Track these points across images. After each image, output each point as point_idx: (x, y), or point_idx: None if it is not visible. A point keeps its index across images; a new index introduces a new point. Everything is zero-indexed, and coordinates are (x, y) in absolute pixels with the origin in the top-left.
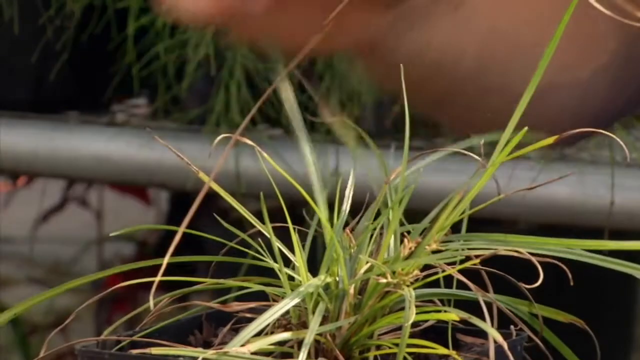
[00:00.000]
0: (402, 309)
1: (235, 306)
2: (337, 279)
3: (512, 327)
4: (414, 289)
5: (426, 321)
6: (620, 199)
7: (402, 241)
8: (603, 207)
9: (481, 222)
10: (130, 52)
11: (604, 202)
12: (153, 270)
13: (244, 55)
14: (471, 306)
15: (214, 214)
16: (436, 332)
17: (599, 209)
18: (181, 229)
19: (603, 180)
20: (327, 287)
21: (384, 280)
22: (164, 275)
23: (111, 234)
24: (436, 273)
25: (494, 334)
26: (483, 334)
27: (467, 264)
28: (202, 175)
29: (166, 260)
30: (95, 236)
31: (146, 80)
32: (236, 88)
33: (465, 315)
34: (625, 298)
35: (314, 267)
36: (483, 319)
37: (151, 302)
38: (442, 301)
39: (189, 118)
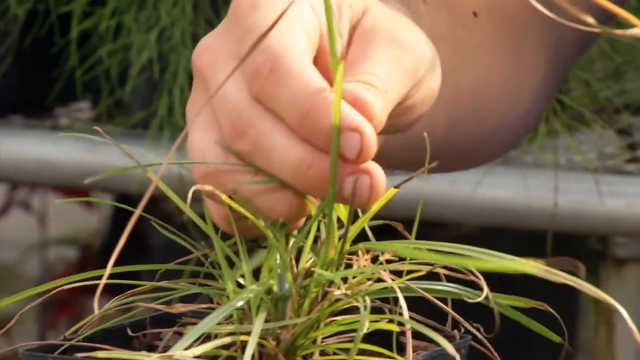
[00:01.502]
0: (347, 312)
1: (179, 307)
2: (281, 283)
3: (456, 331)
4: (365, 295)
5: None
6: (563, 201)
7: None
8: (546, 210)
9: (427, 225)
10: (73, 56)
11: (548, 205)
12: (97, 275)
13: (187, 59)
14: (425, 304)
15: (159, 217)
16: (380, 336)
17: (543, 212)
18: (125, 234)
19: (546, 183)
20: (271, 291)
21: (338, 292)
22: (108, 278)
23: (54, 237)
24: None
25: (436, 338)
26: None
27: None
28: (150, 174)
29: (109, 267)
30: (39, 240)
31: (89, 84)
32: (179, 91)
33: (408, 321)
34: (568, 303)
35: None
36: (438, 318)
37: (96, 306)
38: (385, 300)
39: (132, 122)
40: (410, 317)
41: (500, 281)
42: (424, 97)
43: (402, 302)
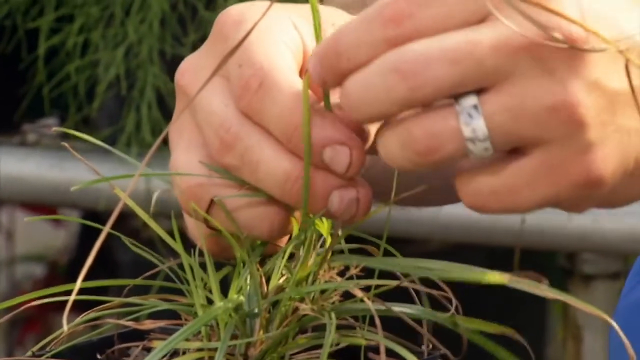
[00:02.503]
0: (316, 329)
1: (148, 324)
2: (250, 300)
3: (423, 346)
4: (331, 310)
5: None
6: (531, 218)
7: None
8: (514, 226)
9: (395, 241)
10: (41, 72)
11: (515, 221)
12: (65, 290)
13: (154, 75)
14: (394, 319)
15: (126, 234)
16: (349, 352)
17: (510, 228)
18: (94, 250)
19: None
20: (240, 307)
21: (305, 306)
22: (76, 294)
23: (21, 254)
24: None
25: (405, 354)
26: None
27: (380, 290)
28: (117, 190)
29: (78, 283)
30: (6, 257)
31: (57, 101)
32: (147, 108)
33: (378, 337)
34: (536, 319)
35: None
36: (409, 336)
37: (64, 322)
38: (356, 318)
39: (100, 138)
40: (379, 333)
41: (468, 299)
42: None
43: (376, 317)
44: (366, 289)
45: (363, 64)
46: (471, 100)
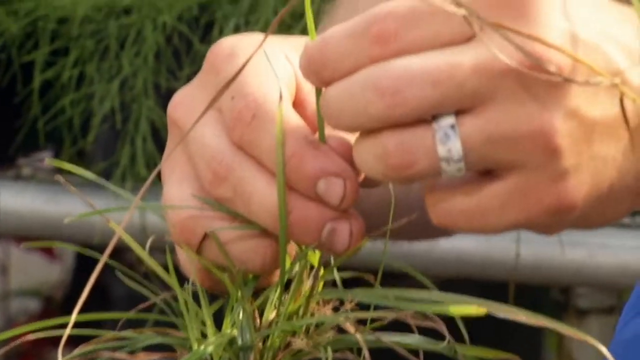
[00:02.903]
0: None
1: (143, 357)
2: (243, 333)
3: None
4: (327, 344)
5: None
6: (525, 252)
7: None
8: (508, 261)
9: (389, 276)
10: (35, 105)
11: (510, 256)
12: (60, 323)
13: (149, 108)
14: (391, 352)
15: (121, 268)
16: None
17: (505, 262)
18: (89, 283)
19: (508, 233)
20: (234, 341)
21: (299, 340)
22: (71, 327)
23: (16, 289)
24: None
25: None
26: None
27: (375, 324)
28: (112, 224)
29: (73, 316)
30: (1, 291)
31: (52, 134)
32: (142, 141)
33: None
34: (531, 350)
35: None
36: None
37: (60, 355)
38: (352, 350)
39: (94, 172)
40: None
41: (460, 332)
42: None
43: (365, 350)
44: (362, 320)
45: (346, 75)
46: (449, 120)
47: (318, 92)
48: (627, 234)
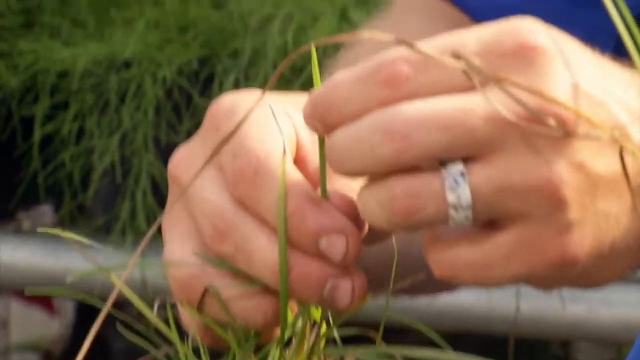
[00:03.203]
0: None
1: None
2: None
3: None
4: None
5: None
6: (525, 306)
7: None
8: (509, 314)
9: (390, 330)
10: (35, 159)
11: (510, 310)
12: None
13: (149, 163)
14: None
15: (121, 322)
16: None
17: (505, 316)
18: (89, 337)
19: (508, 287)
20: None
21: None
22: None
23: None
24: None
25: None
26: None
27: None
28: (113, 278)
29: None
30: (1, 345)
31: (52, 188)
32: (142, 195)
33: None
34: None
35: None
36: None
37: None
38: None
39: (95, 226)
40: None
41: None
42: None
43: None
44: None
45: (353, 119)
46: (458, 167)
47: (321, 142)
48: (627, 288)
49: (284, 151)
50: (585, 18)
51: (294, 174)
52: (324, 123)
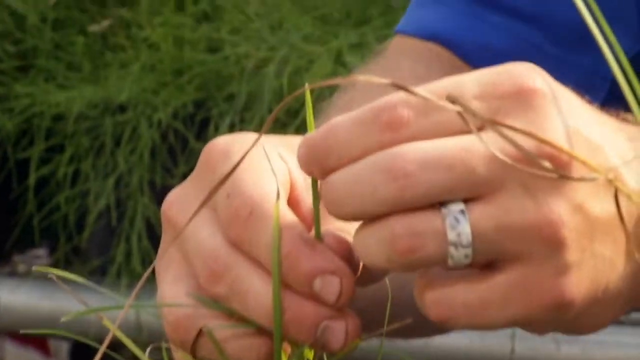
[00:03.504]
0: None
1: None
2: None
3: None
4: None
5: None
6: (520, 348)
7: None
8: (504, 356)
9: None
10: (31, 202)
11: (505, 351)
12: None
13: (144, 205)
14: None
15: None
16: None
17: (500, 358)
18: None
19: (503, 329)
20: None
21: None
22: None
23: None
24: None
25: None
26: None
27: None
28: (107, 322)
29: None
30: None
31: (47, 231)
32: (137, 238)
33: None
34: None
35: None
36: None
37: None
38: None
39: (90, 268)
40: None
41: None
42: None
43: None
44: None
45: (352, 162)
46: (459, 205)
47: (314, 185)
48: (622, 330)
49: (278, 193)
50: (580, 62)
51: (288, 216)
52: (321, 166)
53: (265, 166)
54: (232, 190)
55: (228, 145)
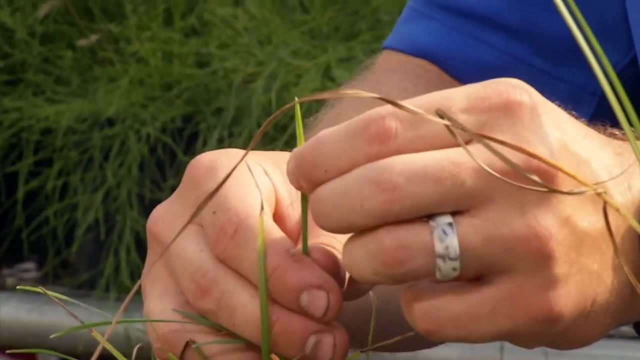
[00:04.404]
0: None
1: None
2: None
3: None
4: None
5: None
6: (509, 359)
7: None
8: None
9: None
10: (19, 216)
11: None
12: None
13: (133, 219)
14: None
15: None
16: None
17: None
18: None
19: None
20: None
21: None
22: None
23: None
24: None
25: None
26: None
27: None
28: (96, 334)
29: None
30: None
31: (36, 244)
32: (126, 252)
33: None
34: None
35: None
36: None
37: None
38: None
39: (78, 282)
40: None
41: None
42: None
43: None
44: None
45: (341, 174)
46: (446, 218)
47: (304, 199)
48: (611, 343)
49: (262, 206)
50: (568, 77)
51: (274, 231)
52: (309, 179)
53: (250, 182)
54: (218, 207)
55: (213, 161)
